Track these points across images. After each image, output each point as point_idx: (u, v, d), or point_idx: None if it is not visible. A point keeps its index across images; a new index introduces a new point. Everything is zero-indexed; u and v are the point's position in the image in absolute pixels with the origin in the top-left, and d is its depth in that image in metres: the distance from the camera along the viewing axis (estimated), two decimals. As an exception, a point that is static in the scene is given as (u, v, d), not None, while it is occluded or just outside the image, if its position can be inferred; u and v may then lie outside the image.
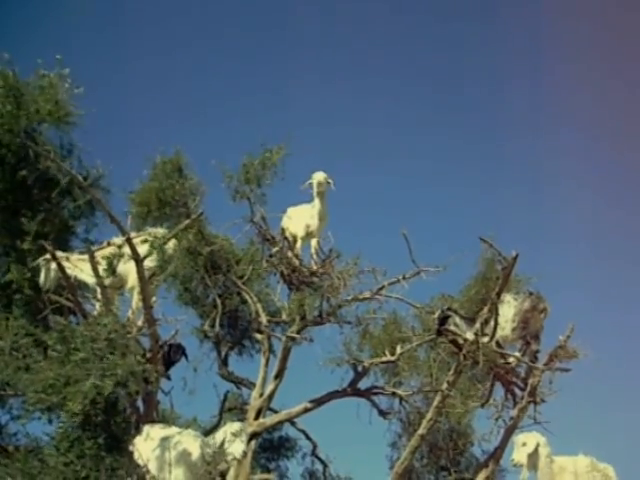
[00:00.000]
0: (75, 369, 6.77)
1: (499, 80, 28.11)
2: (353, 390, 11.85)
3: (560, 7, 24.75)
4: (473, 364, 9.83)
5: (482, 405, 10.59)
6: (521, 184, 27.89)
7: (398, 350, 11.47)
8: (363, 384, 12.02)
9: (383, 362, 11.66)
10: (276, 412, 11.91)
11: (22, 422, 9.58)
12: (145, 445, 8.02)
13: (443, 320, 10.19)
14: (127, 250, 8.87)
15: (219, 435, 8.36)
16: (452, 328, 10.09)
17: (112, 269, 8.65)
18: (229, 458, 8.34)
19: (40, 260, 10.05)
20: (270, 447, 14.43)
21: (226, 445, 8.28)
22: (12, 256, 11.21)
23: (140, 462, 7.71)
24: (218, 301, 12.16)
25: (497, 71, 28.34)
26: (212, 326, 12.11)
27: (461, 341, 9.80)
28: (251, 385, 12.10)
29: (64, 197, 11.24)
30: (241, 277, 11.83)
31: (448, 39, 28.70)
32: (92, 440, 6.69)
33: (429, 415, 9.98)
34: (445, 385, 9.85)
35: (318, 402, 11.65)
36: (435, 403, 9.96)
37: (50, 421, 11.24)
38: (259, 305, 11.68)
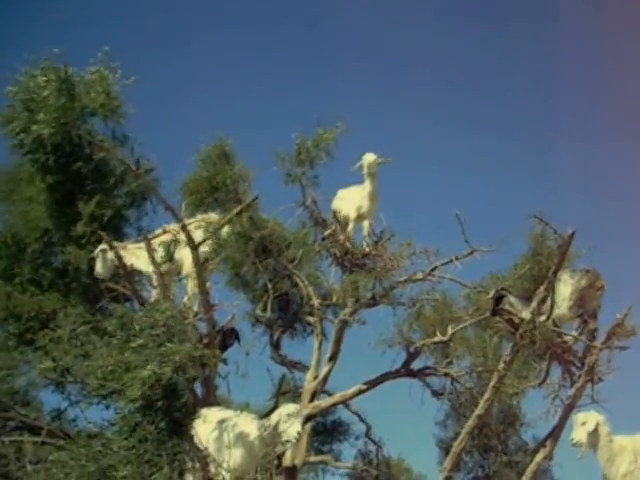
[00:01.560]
0: (134, 355, 6.83)
1: (548, 52, 27.46)
2: (406, 371, 11.85)
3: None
4: (530, 343, 9.72)
5: (539, 385, 10.51)
6: (569, 158, 27.43)
7: (449, 330, 11.43)
8: (415, 365, 12.07)
9: (435, 343, 11.61)
10: (330, 395, 11.95)
11: (84, 406, 9.76)
12: (203, 428, 8.11)
13: (498, 300, 10.09)
14: (182, 237, 8.95)
15: (274, 417, 8.41)
16: (507, 308, 9.99)
17: (169, 255, 8.73)
18: (284, 440, 8.40)
19: (97, 250, 10.19)
20: (323, 430, 14.46)
21: (281, 427, 8.35)
22: (68, 245, 11.41)
23: (200, 445, 7.78)
24: (269, 285, 12.16)
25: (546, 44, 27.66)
26: (264, 310, 12.11)
27: (517, 320, 9.68)
28: (304, 368, 12.15)
29: (117, 186, 11.36)
30: (292, 261, 11.84)
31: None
32: (153, 424, 6.72)
33: (486, 395, 9.90)
34: (502, 364, 9.75)
35: (372, 384, 11.68)
36: (492, 383, 9.86)
37: (108, 407, 11.50)
38: (310, 288, 11.68)
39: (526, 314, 9.64)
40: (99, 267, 10.21)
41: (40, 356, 10.46)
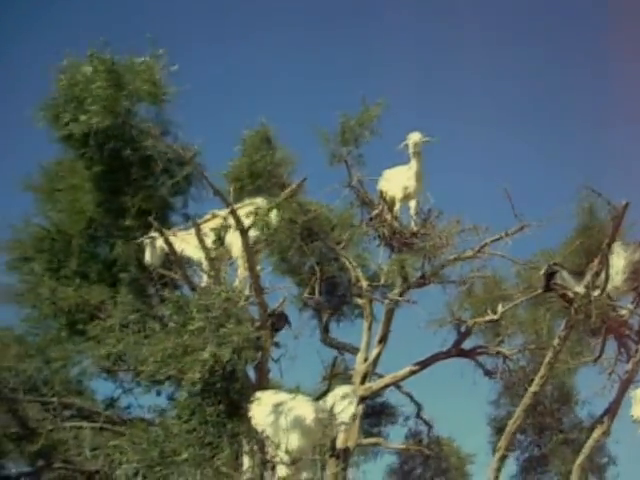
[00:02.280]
0: (192, 338, 6.84)
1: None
2: (457, 351, 11.76)
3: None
4: (585, 318, 9.55)
5: (595, 360, 10.33)
6: (621, 129, 26.86)
7: (500, 309, 11.30)
8: (466, 345, 11.98)
9: (486, 321, 11.50)
10: (381, 376, 11.90)
11: (141, 391, 9.82)
12: (258, 411, 8.10)
13: (550, 276, 9.93)
14: (231, 221, 8.93)
15: (329, 399, 8.37)
16: (560, 283, 9.83)
17: (220, 239, 8.72)
18: (339, 422, 8.37)
19: (145, 238, 10.23)
20: (372, 413, 14.42)
21: (336, 409, 8.31)
22: (116, 235, 11.50)
23: (258, 428, 7.78)
24: (316, 268, 12.14)
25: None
26: (311, 294, 12.08)
27: (571, 295, 9.52)
28: (354, 350, 12.10)
29: (162, 175, 11.39)
30: (338, 243, 11.81)
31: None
32: (213, 407, 6.73)
33: (541, 372, 9.77)
34: (557, 340, 9.61)
35: (423, 364, 11.60)
36: (547, 359, 9.72)
37: (159, 393, 11.63)
38: (359, 270, 11.62)
39: (580, 288, 9.49)
40: (148, 255, 10.26)
41: (92, 346, 10.56)
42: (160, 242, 10.02)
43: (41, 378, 9.89)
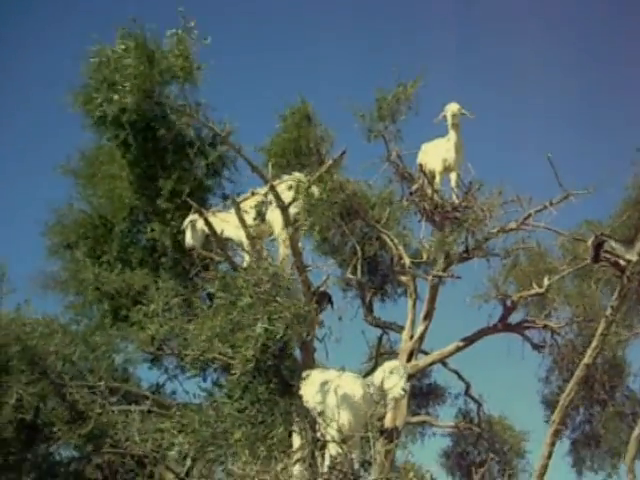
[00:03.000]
0: (242, 315, 6.70)
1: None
2: (504, 325, 11.54)
3: None
4: (638, 287, 9.27)
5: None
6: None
7: (546, 281, 11.07)
8: (512, 320, 11.73)
9: (532, 295, 11.28)
10: (427, 354, 11.72)
11: (193, 372, 9.75)
12: (308, 389, 7.99)
13: (598, 246, 9.64)
14: (270, 198, 8.79)
15: (378, 375, 8.24)
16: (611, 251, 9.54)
17: (261, 216, 8.58)
18: (390, 397, 8.22)
19: (186, 221, 10.15)
20: (420, 394, 14.24)
21: (386, 384, 8.16)
22: (153, 220, 11.45)
23: (308, 406, 7.67)
24: (357, 247, 11.98)
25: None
26: (354, 273, 11.91)
27: (623, 264, 9.22)
28: (399, 329, 11.93)
29: (196, 157, 11.30)
30: (378, 221, 11.64)
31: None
32: (264, 385, 6.61)
33: (594, 343, 9.44)
34: (609, 310, 9.31)
35: (470, 340, 11.41)
36: (599, 330, 9.43)
37: (205, 379, 11.59)
38: (401, 247, 11.44)
39: (632, 256, 9.19)
40: (189, 238, 10.18)
41: (136, 331, 10.52)
42: (200, 224, 9.93)
43: (87, 367, 9.87)
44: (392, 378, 8.08)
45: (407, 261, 11.36)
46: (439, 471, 13.56)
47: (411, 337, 11.29)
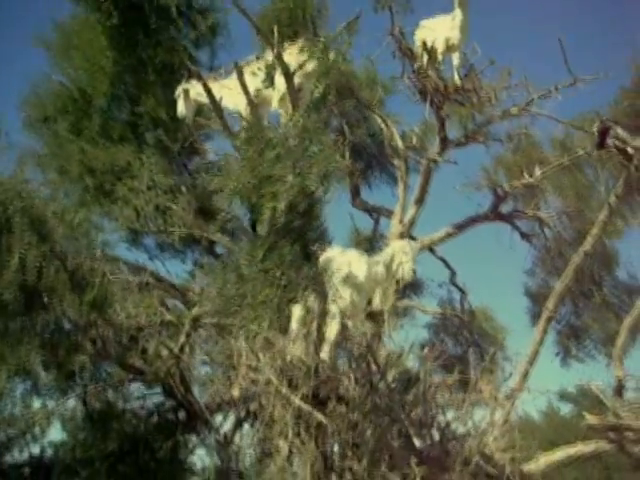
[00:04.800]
0: (270, 168, 6.19)
1: None
2: (495, 214, 11.43)
3: None
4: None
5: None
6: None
7: (537, 171, 10.89)
8: (503, 210, 11.63)
9: (524, 184, 11.10)
10: (415, 240, 11.48)
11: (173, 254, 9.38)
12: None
13: (603, 133, 9.38)
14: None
15: (386, 253, 8.01)
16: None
17: (270, 79, 8.02)
18: (398, 277, 8.03)
19: (178, 89, 9.55)
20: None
21: (394, 265, 7.95)
22: (137, 94, 10.86)
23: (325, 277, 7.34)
24: (346, 129, 11.57)
25: None
26: (342, 157, 11.50)
27: (631, 151, 9.00)
28: (388, 213, 11.66)
29: (185, 26, 10.64)
30: (370, 102, 11.22)
31: None
32: (288, 247, 6.16)
33: (594, 230, 9.31)
34: (613, 198, 9.15)
35: (460, 227, 11.29)
36: (601, 217, 9.27)
37: (184, 261, 11.29)
38: (394, 129, 11.07)
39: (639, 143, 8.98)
40: (181, 107, 9.57)
41: (120, 207, 10.07)
42: (193, 92, 9.34)
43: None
44: (400, 258, 7.86)
45: (400, 143, 11.04)
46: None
47: (401, 221, 11.06)
